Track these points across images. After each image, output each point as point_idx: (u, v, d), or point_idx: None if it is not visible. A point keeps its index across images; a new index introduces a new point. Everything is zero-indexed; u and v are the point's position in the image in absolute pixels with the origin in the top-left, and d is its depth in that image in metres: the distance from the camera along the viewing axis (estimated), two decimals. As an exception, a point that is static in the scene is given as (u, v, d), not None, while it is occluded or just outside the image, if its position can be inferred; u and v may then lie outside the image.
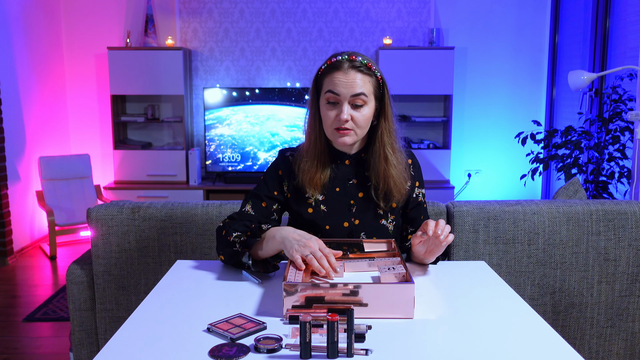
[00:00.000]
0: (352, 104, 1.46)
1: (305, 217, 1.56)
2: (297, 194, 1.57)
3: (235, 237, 1.43)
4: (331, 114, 1.47)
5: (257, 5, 4.98)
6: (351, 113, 1.46)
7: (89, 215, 1.97)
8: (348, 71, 1.45)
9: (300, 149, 1.58)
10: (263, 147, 4.88)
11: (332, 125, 1.48)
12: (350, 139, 1.49)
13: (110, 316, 1.99)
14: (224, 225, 1.51)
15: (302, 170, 1.54)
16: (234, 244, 1.43)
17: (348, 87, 1.44)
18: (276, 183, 1.59)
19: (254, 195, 1.57)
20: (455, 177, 5.19)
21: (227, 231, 1.47)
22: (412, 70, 4.74)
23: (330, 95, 1.46)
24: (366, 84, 1.46)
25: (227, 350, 1.00)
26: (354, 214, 1.55)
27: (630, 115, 2.73)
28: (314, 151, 1.53)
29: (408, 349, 1.03)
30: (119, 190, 4.79)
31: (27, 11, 4.51)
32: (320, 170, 1.53)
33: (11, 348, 2.78)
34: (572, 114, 4.51)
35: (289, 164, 1.59)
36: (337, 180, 1.56)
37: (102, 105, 5.10)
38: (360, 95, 1.45)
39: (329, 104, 1.47)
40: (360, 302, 1.15)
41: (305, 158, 1.54)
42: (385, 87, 1.51)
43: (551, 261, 1.94)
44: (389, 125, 1.52)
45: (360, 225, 1.55)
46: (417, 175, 1.63)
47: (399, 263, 1.34)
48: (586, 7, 4.32)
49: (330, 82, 1.46)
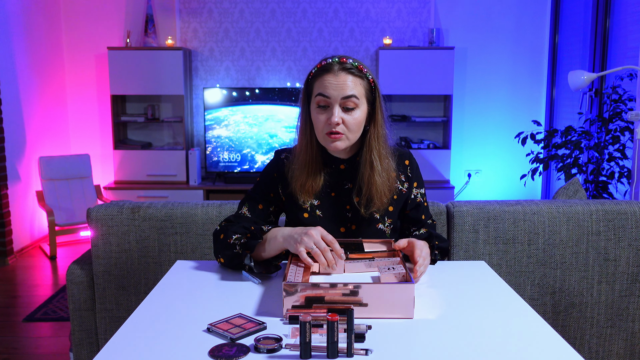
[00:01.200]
0: (343, 106, 1.41)
1: (301, 221, 1.54)
2: (292, 199, 1.55)
3: (236, 240, 1.42)
4: (322, 118, 1.43)
5: (257, 5, 4.98)
6: (342, 116, 1.41)
7: (89, 215, 1.97)
8: (338, 73, 1.41)
9: (294, 151, 1.55)
10: (261, 150, 4.88)
11: (324, 130, 1.43)
12: (342, 143, 1.45)
13: (110, 316, 1.99)
14: (221, 229, 1.49)
15: (294, 178, 1.51)
16: (234, 246, 1.41)
17: (338, 89, 1.40)
18: (272, 185, 1.57)
19: (250, 198, 1.56)
20: (455, 177, 5.19)
21: (225, 234, 1.45)
22: (412, 70, 4.74)
23: (321, 98, 1.42)
24: (357, 86, 1.42)
25: (227, 350, 1.00)
26: (350, 219, 1.54)
27: (630, 115, 2.73)
28: (305, 158, 1.49)
29: (408, 349, 1.03)
30: (119, 190, 4.79)
31: (27, 11, 4.51)
32: (311, 178, 1.49)
33: (11, 348, 2.78)
34: (572, 114, 4.51)
35: (283, 168, 1.56)
36: (333, 185, 1.53)
37: (102, 105, 5.10)
38: (351, 98, 1.41)
39: (319, 107, 1.43)
40: (360, 302, 1.15)
41: (296, 165, 1.50)
42: (377, 91, 1.47)
43: (551, 261, 1.94)
44: (378, 131, 1.48)
45: (357, 231, 1.54)
46: (415, 175, 1.60)
47: (399, 263, 1.34)
48: (586, 7, 4.32)
49: (320, 85, 1.42)
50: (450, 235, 1.97)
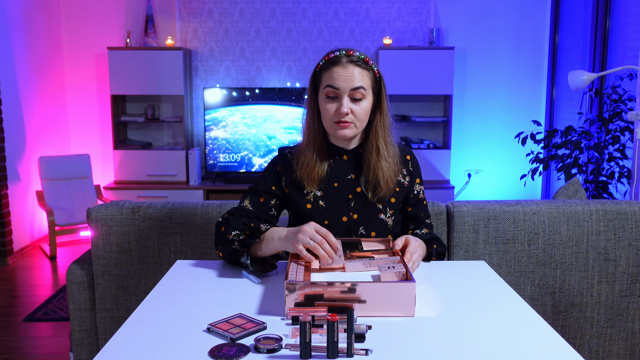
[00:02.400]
0: (352, 97, 1.49)
1: (304, 212, 1.57)
2: (296, 190, 1.58)
3: (234, 236, 1.45)
4: (331, 108, 1.49)
5: (257, 5, 4.98)
6: (351, 106, 1.48)
7: (89, 215, 1.97)
8: (347, 65, 1.48)
9: (299, 146, 1.60)
10: (259, 152, 4.88)
11: (333, 118, 1.50)
12: (350, 131, 1.51)
13: (110, 316, 1.99)
14: (222, 221, 1.52)
15: (301, 165, 1.56)
16: (232, 242, 1.45)
17: (347, 81, 1.47)
18: (274, 179, 1.60)
19: (252, 191, 1.59)
20: (455, 177, 5.19)
21: (226, 228, 1.48)
22: (412, 70, 4.74)
23: (330, 89, 1.49)
24: (364, 77, 1.49)
25: (227, 350, 1.00)
26: (353, 209, 1.57)
27: (630, 115, 2.73)
28: (314, 144, 1.56)
29: (408, 349, 1.03)
30: (119, 190, 4.79)
31: (27, 11, 4.51)
32: (319, 164, 1.55)
33: (11, 348, 2.78)
34: (572, 114, 4.51)
35: (287, 160, 1.61)
36: (336, 175, 1.58)
37: (102, 105, 5.10)
38: (359, 89, 1.48)
39: (328, 98, 1.50)
40: (358, 299, 1.15)
41: (305, 153, 1.56)
42: (382, 82, 1.55)
43: (551, 261, 1.94)
44: (384, 119, 1.56)
45: (359, 220, 1.57)
46: (416, 171, 1.65)
47: (399, 262, 1.34)
48: (586, 7, 4.32)
49: (329, 77, 1.49)
50: (450, 235, 1.97)
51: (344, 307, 1.15)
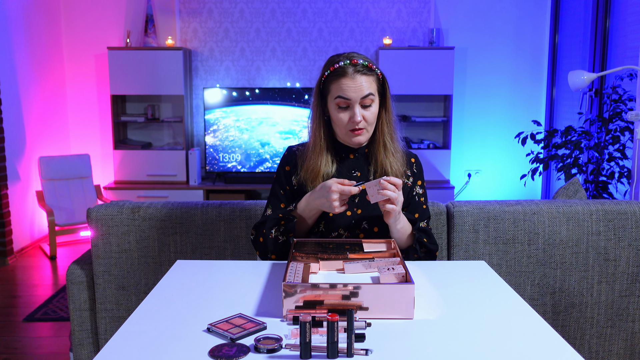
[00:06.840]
0: (362, 105, 1.55)
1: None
2: (304, 185, 1.65)
3: (275, 232, 1.57)
4: (344, 117, 1.56)
5: (257, 5, 4.98)
6: (362, 113, 1.55)
7: (89, 215, 1.97)
8: (354, 76, 1.53)
9: (307, 145, 1.66)
10: (257, 152, 4.88)
11: (347, 127, 1.57)
12: (364, 137, 1.59)
13: (110, 316, 1.99)
14: (257, 235, 1.63)
15: (305, 170, 1.62)
16: (277, 238, 1.57)
17: (357, 92, 1.53)
18: (286, 179, 1.68)
19: (272, 197, 1.69)
20: (455, 177, 5.19)
21: (264, 236, 1.59)
22: (412, 70, 4.74)
23: (341, 100, 1.54)
24: (371, 84, 1.55)
25: (227, 350, 1.00)
26: (357, 204, 1.62)
27: (630, 115, 2.73)
28: (319, 152, 1.62)
29: (408, 349, 1.03)
30: (119, 190, 4.79)
31: (27, 11, 4.51)
32: (323, 168, 1.62)
33: (11, 348, 2.78)
34: (572, 114, 4.51)
35: (295, 158, 1.67)
36: (342, 172, 1.64)
37: (102, 105, 5.10)
38: (368, 96, 1.54)
39: (340, 108, 1.56)
40: (360, 306, 1.15)
41: (312, 154, 1.62)
42: (386, 82, 1.61)
43: (551, 261, 1.94)
44: (389, 117, 1.62)
45: (362, 215, 1.62)
46: (419, 174, 1.69)
47: (399, 263, 1.34)
48: (586, 7, 4.32)
49: (338, 89, 1.54)
50: (450, 235, 1.97)
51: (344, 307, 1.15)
